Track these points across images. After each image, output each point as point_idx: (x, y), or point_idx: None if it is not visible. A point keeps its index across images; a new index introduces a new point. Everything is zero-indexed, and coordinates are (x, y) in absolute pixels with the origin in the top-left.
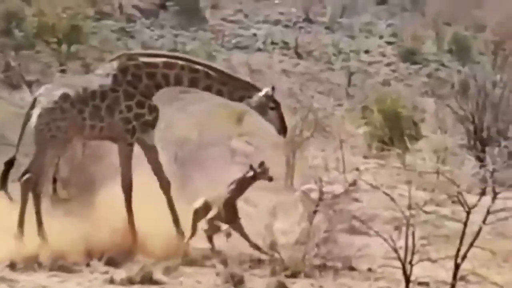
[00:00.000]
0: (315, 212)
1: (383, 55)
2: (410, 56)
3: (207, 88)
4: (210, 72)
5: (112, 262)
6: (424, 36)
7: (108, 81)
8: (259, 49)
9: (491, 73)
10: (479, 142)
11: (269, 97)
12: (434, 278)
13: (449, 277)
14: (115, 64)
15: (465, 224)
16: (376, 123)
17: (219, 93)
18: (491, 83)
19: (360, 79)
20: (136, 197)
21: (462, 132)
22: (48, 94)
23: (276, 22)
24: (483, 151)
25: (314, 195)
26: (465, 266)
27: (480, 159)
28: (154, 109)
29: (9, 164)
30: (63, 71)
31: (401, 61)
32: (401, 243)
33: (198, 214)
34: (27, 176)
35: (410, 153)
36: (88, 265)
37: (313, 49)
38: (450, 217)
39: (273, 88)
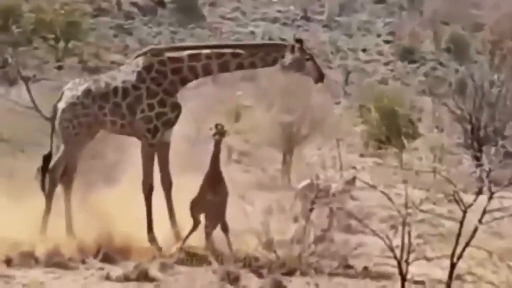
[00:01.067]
0: (311, 210)
1: (381, 53)
2: (407, 55)
3: (239, 67)
4: (237, 50)
5: (107, 259)
6: (422, 35)
7: (132, 78)
8: None
9: (489, 73)
10: (476, 141)
11: (303, 50)
12: (430, 277)
13: (445, 276)
14: (140, 60)
15: (461, 223)
16: (373, 121)
17: (252, 65)
18: (489, 82)
19: (357, 77)
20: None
21: (459, 131)
22: (73, 88)
23: (274, 20)
24: (480, 150)
25: (311, 193)
26: (461, 265)
27: (477, 158)
28: (176, 107)
29: (47, 159)
30: (60, 67)
31: (398, 59)
32: (397, 241)
33: (195, 204)
34: (56, 172)
35: (407, 151)
36: (83, 261)
37: (310, 47)
38: (447, 216)
39: (300, 40)
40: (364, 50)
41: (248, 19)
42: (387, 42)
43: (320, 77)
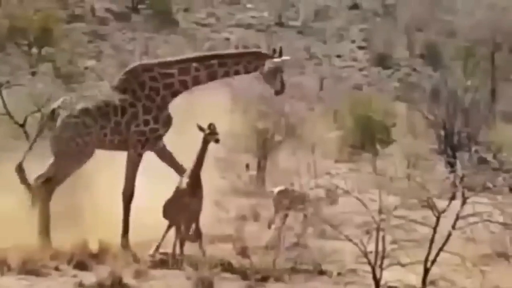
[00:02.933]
0: (286, 216)
1: (355, 60)
2: (382, 61)
3: (225, 75)
4: (223, 60)
5: (81, 266)
6: (396, 41)
7: (128, 96)
8: None
9: (462, 79)
10: (450, 147)
11: (279, 68)
12: (404, 283)
13: (418, 282)
14: (132, 77)
15: (435, 229)
16: (348, 127)
17: (237, 73)
18: (462, 88)
19: (332, 83)
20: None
21: (433, 137)
22: (67, 107)
23: (249, 26)
24: (454, 156)
25: (286, 199)
26: (434, 270)
27: (451, 164)
28: (168, 122)
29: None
30: (33, 73)
31: (373, 65)
32: (371, 247)
33: (170, 206)
34: (46, 182)
35: (381, 157)
36: (57, 268)
37: (285, 53)
38: (420, 221)
39: (280, 49)
40: (338, 56)
41: (222, 25)
42: (361, 48)
43: (281, 90)
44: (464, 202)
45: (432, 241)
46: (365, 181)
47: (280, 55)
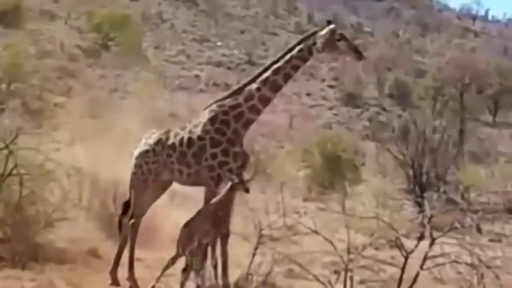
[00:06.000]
0: (254, 255)
1: (325, 98)
2: (351, 100)
3: (286, 77)
4: (275, 66)
5: None
6: (365, 80)
7: (198, 129)
8: (202, 91)
9: (431, 118)
10: (418, 187)
11: (331, 31)
12: None
13: None
14: (207, 112)
15: (403, 269)
16: (317, 166)
17: (295, 68)
18: (431, 128)
19: (301, 121)
20: None
21: (402, 177)
22: (149, 137)
23: (219, 64)
24: (422, 196)
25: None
26: None
27: (419, 204)
28: (239, 156)
29: (126, 205)
30: (2, 110)
31: (342, 104)
32: (339, 287)
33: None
34: (132, 221)
35: (350, 197)
36: None
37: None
38: (389, 261)
39: (330, 22)
40: (308, 95)
41: (193, 62)
42: (331, 87)
43: (358, 55)
44: (432, 243)
45: (400, 281)
46: (334, 220)
47: (331, 28)
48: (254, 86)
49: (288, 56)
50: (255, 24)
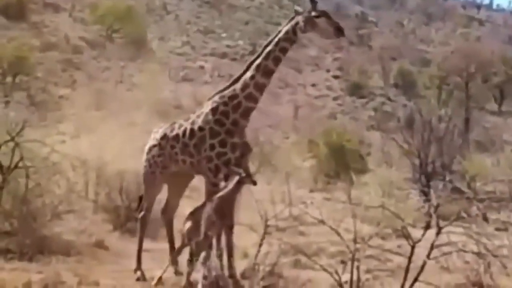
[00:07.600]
0: (260, 245)
1: (330, 88)
2: (356, 90)
3: (276, 61)
4: (265, 50)
5: None
6: (370, 70)
7: (199, 120)
8: (206, 82)
9: (436, 108)
10: (424, 176)
11: (309, 11)
12: None
13: None
14: (210, 103)
15: (410, 259)
16: (322, 156)
17: (284, 50)
18: (436, 117)
19: (306, 112)
20: None
21: (407, 166)
22: (156, 132)
23: (223, 55)
24: (428, 185)
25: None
26: None
27: (425, 193)
28: (239, 147)
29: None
30: (7, 102)
31: (347, 94)
32: (346, 277)
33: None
34: (141, 214)
35: (356, 186)
36: None
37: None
38: (395, 251)
39: (313, 1)
40: (313, 85)
41: (197, 53)
42: (336, 77)
43: (337, 32)
44: (439, 232)
45: (407, 270)
46: (340, 210)
47: (313, 6)
48: (248, 74)
49: (276, 39)
50: (259, 15)
